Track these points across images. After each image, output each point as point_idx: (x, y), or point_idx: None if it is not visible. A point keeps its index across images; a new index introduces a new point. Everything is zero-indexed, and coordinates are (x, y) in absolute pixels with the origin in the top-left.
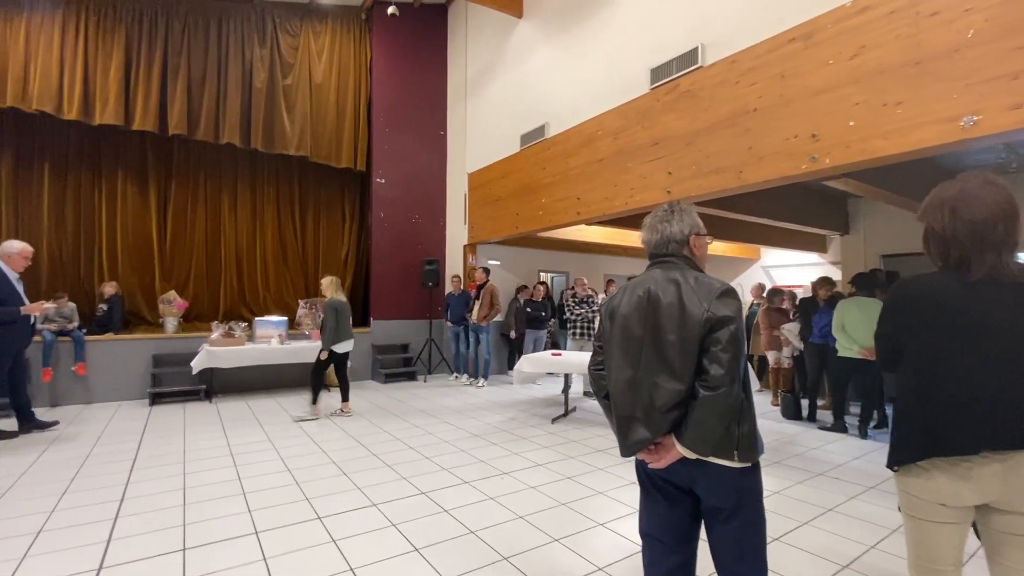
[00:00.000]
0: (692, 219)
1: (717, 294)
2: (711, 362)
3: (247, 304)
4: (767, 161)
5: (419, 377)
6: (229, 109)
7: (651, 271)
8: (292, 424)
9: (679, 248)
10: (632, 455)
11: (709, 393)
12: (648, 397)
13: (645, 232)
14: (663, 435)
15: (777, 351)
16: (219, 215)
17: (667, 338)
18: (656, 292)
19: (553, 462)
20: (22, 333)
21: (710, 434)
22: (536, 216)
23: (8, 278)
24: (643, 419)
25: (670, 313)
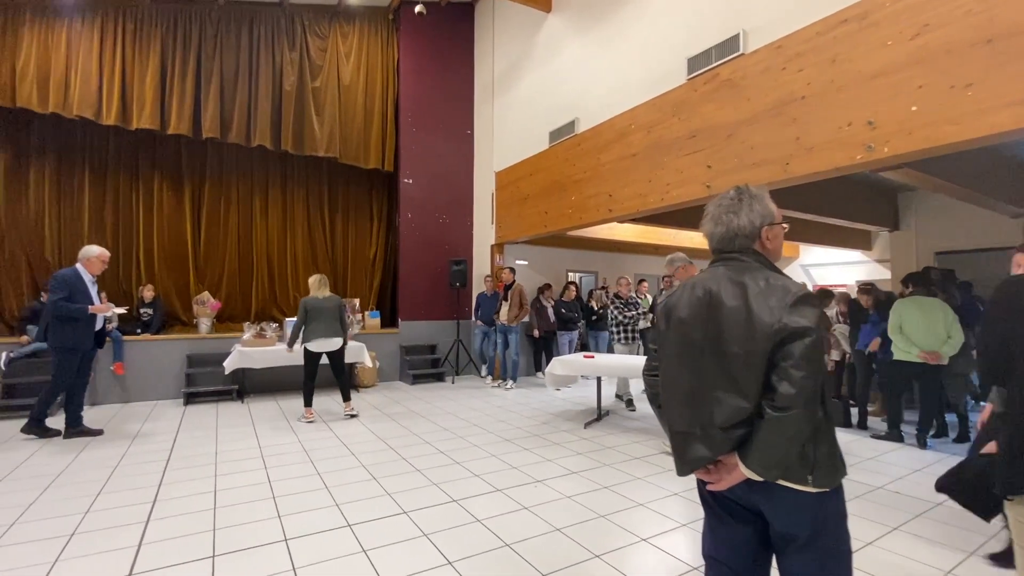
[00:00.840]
0: (765, 206)
1: (792, 300)
2: (780, 379)
3: (278, 305)
4: (817, 152)
5: (447, 378)
6: (260, 112)
7: (714, 268)
8: (322, 426)
9: (748, 242)
10: (689, 473)
11: (777, 414)
12: (708, 412)
13: (708, 224)
14: (725, 454)
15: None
16: (251, 217)
17: (730, 349)
18: (718, 293)
19: (588, 470)
20: (87, 334)
21: (778, 458)
22: (566, 214)
23: (83, 279)
24: (702, 436)
25: (734, 320)
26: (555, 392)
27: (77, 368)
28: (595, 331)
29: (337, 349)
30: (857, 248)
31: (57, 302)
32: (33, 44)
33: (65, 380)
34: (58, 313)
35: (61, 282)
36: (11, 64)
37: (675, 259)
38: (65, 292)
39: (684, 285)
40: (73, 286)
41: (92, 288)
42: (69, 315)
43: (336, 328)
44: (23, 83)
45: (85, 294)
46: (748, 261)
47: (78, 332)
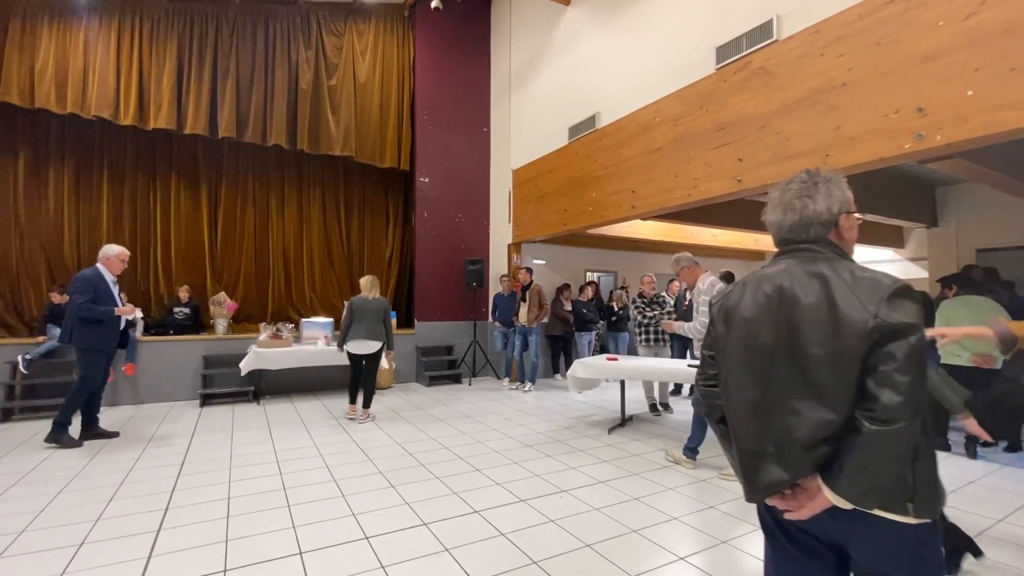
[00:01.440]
0: (843, 192)
1: (888, 293)
2: (882, 386)
3: (294, 305)
4: (860, 142)
5: (464, 380)
6: (276, 111)
7: (782, 262)
8: (338, 429)
9: (824, 232)
10: (761, 500)
11: (880, 428)
12: (783, 427)
13: (774, 211)
14: (805, 476)
15: None
16: (267, 217)
17: (810, 351)
18: (792, 290)
19: (616, 479)
20: (112, 335)
21: (879, 481)
22: (586, 212)
23: (105, 280)
24: (776, 455)
25: (814, 318)
26: (575, 395)
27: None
28: (615, 332)
29: (373, 352)
30: (889, 246)
31: (82, 305)
32: (51, 45)
33: (93, 382)
34: (84, 316)
35: (84, 283)
36: (30, 65)
37: (681, 258)
38: (90, 294)
39: (742, 283)
40: (96, 287)
41: (114, 288)
42: (96, 318)
43: (376, 331)
44: (41, 84)
45: (108, 295)
46: (824, 252)
47: (104, 334)
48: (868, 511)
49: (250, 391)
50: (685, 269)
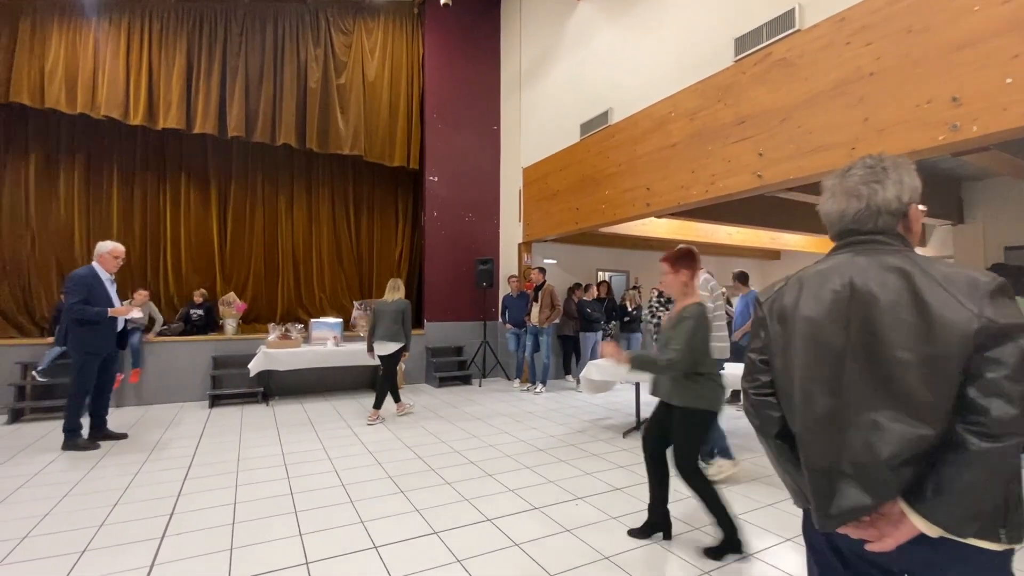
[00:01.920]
0: (912, 179)
1: (990, 290)
2: (991, 396)
3: (303, 305)
4: (889, 134)
5: (474, 381)
6: (285, 110)
7: (845, 256)
8: (347, 431)
9: (892, 222)
10: (839, 527)
11: (991, 445)
12: (862, 443)
13: (834, 200)
14: (889, 500)
15: None
16: (276, 216)
17: (894, 355)
18: (866, 286)
19: (633, 486)
20: (107, 336)
21: (983, 505)
22: (598, 210)
23: (100, 278)
24: (855, 475)
25: (898, 318)
26: (589, 397)
27: (98, 371)
28: (627, 332)
29: (390, 353)
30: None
31: (74, 306)
32: (61, 45)
33: (86, 385)
34: (76, 317)
35: (78, 284)
36: (40, 65)
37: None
38: (83, 294)
39: (796, 279)
40: (90, 287)
41: (111, 287)
42: (88, 319)
43: (393, 332)
44: (51, 84)
45: (103, 294)
46: (893, 244)
47: (99, 335)
48: (961, 539)
49: (259, 392)
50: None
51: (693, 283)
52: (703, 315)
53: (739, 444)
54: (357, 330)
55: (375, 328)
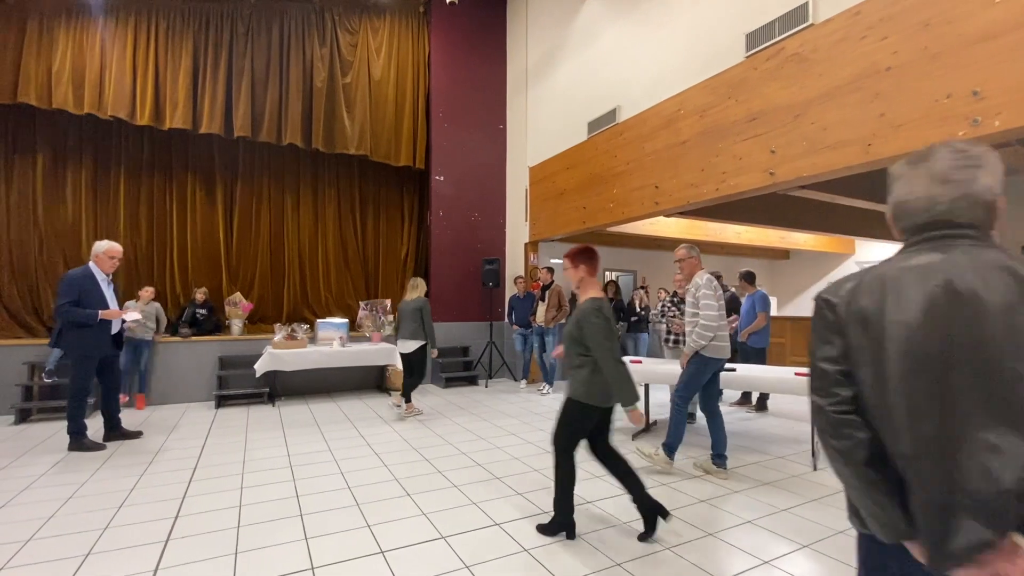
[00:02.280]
0: (999, 168)
1: None
2: None
3: (309, 305)
4: (907, 130)
5: (480, 381)
6: (291, 110)
7: (933, 252)
8: (352, 432)
9: (986, 214)
10: (958, 566)
11: None
12: (980, 469)
13: (922, 185)
14: (1009, 532)
15: None
16: (282, 216)
17: (1012, 366)
18: (969, 288)
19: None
20: (101, 339)
21: None
22: (606, 209)
23: (95, 279)
24: (974, 507)
25: (1013, 324)
26: None
27: (98, 372)
28: (635, 333)
29: (412, 351)
30: None
31: (62, 307)
32: (68, 46)
33: (84, 386)
34: (65, 319)
35: (69, 284)
36: (47, 66)
37: (693, 248)
38: (73, 296)
39: (876, 278)
40: (83, 288)
41: (107, 288)
42: (78, 322)
43: (412, 330)
44: (59, 85)
45: (98, 296)
46: (989, 239)
47: (93, 338)
48: None
49: (265, 392)
50: (692, 259)
51: (591, 279)
52: (595, 309)
53: (744, 446)
54: (363, 330)
55: (399, 327)
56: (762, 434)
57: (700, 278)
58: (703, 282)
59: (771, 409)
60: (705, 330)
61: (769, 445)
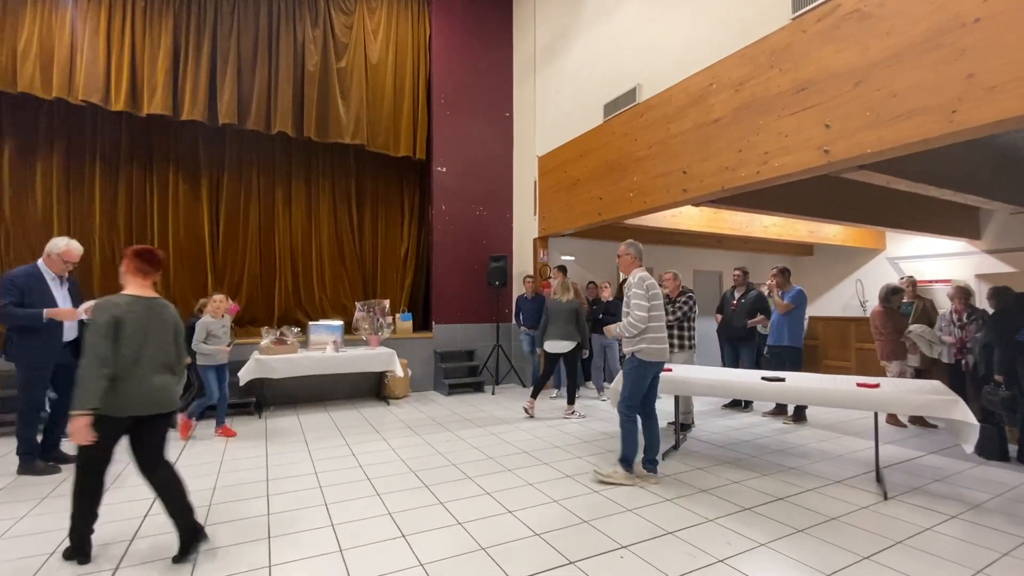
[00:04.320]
0: None
1: None
2: None
3: (303, 307)
4: (1004, 91)
5: (486, 388)
6: (280, 96)
7: None
8: (343, 448)
9: None
10: None
11: None
12: None
13: None
14: None
15: (902, 360)
16: (272, 211)
17: None
18: None
19: (685, 528)
20: (51, 346)
21: None
22: (625, 199)
23: (43, 278)
24: None
25: None
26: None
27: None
28: None
29: (566, 351)
30: (962, 236)
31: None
32: (35, 24)
33: (34, 402)
34: (6, 323)
35: (10, 283)
36: (11, 46)
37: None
38: (14, 296)
39: None
40: (26, 286)
41: (58, 288)
42: (18, 323)
43: (567, 331)
44: (24, 66)
45: (44, 296)
46: None
47: (41, 344)
48: None
49: (251, 402)
50: (628, 256)
51: (132, 277)
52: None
53: (793, 467)
54: (360, 334)
55: (547, 327)
56: (809, 451)
57: (633, 277)
58: (635, 281)
59: (810, 419)
60: (630, 328)
61: (822, 466)
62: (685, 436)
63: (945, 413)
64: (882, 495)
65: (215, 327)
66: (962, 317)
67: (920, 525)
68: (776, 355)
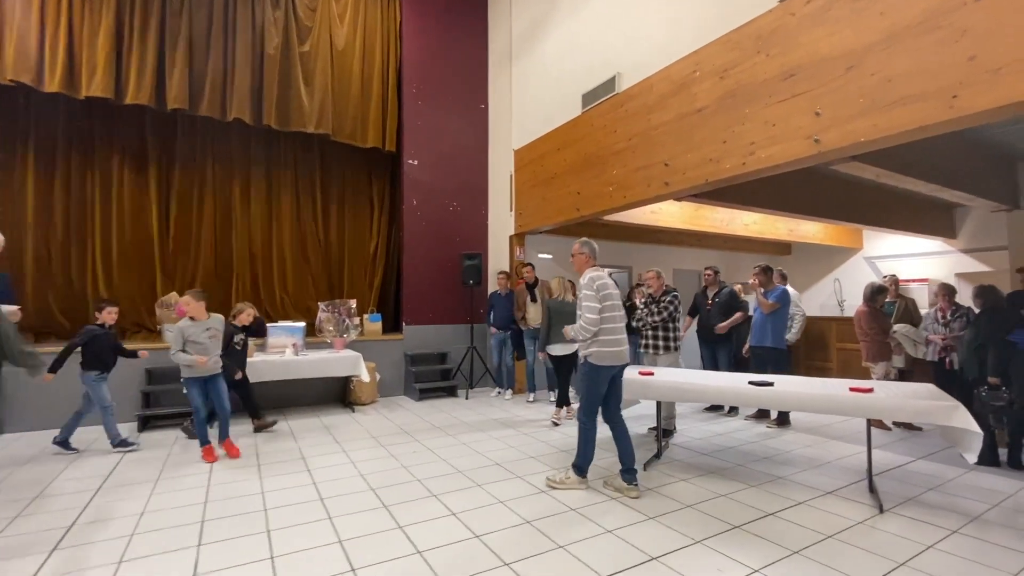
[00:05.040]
0: None
1: None
2: None
3: (263, 308)
4: (1009, 74)
5: (460, 392)
6: (238, 80)
7: None
8: (299, 467)
9: None
10: None
11: None
12: None
13: None
14: None
15: (887, 362)
16: (229, 205)
17: None
18: None
19: (673, 552)
20: None
21: None
22: (605, 193)
23: None
24: None
25: None
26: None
27: None
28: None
29: (569, 354)
30: (937, 236)
31: None
32: None
33: None
34: None
35: None
36: None
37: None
38: None
39: None
40: None
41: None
42: None
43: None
44: None
45: None
46: None
47: None
48: None
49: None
50: (581, 256)
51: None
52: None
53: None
54: (324, 336)
55: (551, 329)
56: (796, 458)
57: (584, 277)
58: (585, 282)
59: (793, 422)
60: (582, 332)
61: (811, 475)
62: (667, 443)
63: (945, 420)
64: (877, 508)
65: (195, 332)
66: (947, 315)
67: (921, 543)
68: (758, 356)
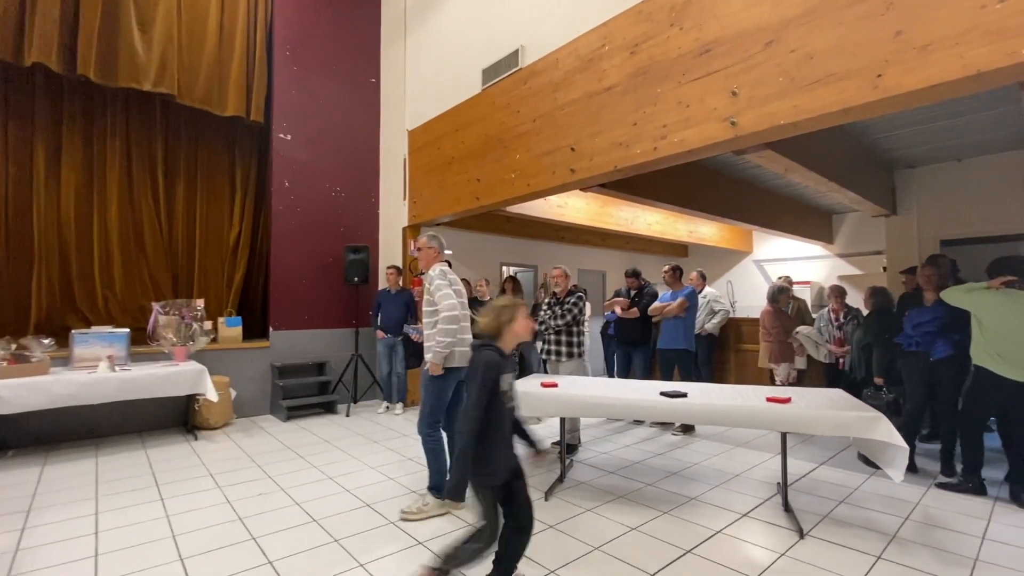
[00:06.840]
0: None
1: None
2: None
3: (77, 309)
4: (938, 51)
5: (340, 408)
6: (40, 14)
7: None
8: (84, 528)
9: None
10: None
11: None
12: None
13: None
14: None
15: (789, 363)
16: (29, 175)
17: None
18: None
19: None
20: None
21: None
22: (506, 180)
23: None
24: None
25: None
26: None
27: None
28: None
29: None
30: (818, 240)
31: None
32: None
33: None
34: None
35: None
36: None
37: (439, 236)
38: None
39: None
40: None
41: None
42: None
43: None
44: None
45: None
46: None
47: None
48: None
49: None
50: (430, 250)
51: None
52: None
53: (694, 497)
54: (161, 344)
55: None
56: (705, 471)
57: (434, 270)
58: (436, 274)
59: (697, 428)
60: (450, 323)
61: (723, 493)
62: (571, 461)
63: (867, 433)
64: (797, 532)
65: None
66: (839, 317)
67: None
68: (667, 360)
